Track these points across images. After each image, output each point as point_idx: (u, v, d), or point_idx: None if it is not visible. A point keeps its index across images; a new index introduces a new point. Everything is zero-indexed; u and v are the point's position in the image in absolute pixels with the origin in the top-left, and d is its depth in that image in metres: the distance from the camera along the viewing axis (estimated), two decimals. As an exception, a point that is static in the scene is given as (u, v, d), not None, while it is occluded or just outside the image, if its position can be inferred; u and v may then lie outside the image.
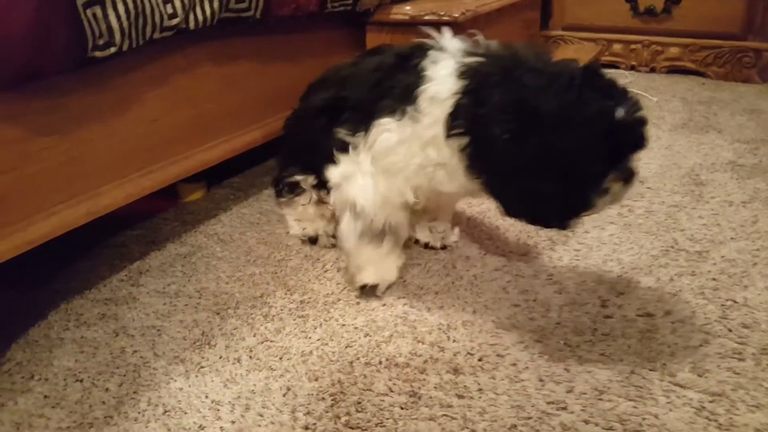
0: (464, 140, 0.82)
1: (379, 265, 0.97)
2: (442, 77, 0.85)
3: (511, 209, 0.83)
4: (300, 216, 1.16)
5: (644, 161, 1.49)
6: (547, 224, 0.85)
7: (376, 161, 0.91)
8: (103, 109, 0.92)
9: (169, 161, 1.05)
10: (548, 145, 0.75)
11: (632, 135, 0.77)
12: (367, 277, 0.97)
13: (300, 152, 1.13)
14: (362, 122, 0.92)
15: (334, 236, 1.12)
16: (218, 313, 0.95)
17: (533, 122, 0.75)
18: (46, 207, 0.85)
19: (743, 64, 2.17)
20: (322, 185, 1.09)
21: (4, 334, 0.91)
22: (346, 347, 0.86)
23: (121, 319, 0.94)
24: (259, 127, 1.25)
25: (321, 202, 1.14)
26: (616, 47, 2.32)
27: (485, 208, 1.27)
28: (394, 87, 0.89)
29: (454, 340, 0.87)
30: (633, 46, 2.29)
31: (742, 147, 1.55)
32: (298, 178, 1.14)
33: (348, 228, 0.96)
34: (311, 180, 1.13)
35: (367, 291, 0.98)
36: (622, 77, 2.23)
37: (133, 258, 1.12)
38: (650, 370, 0.80)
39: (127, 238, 1.19)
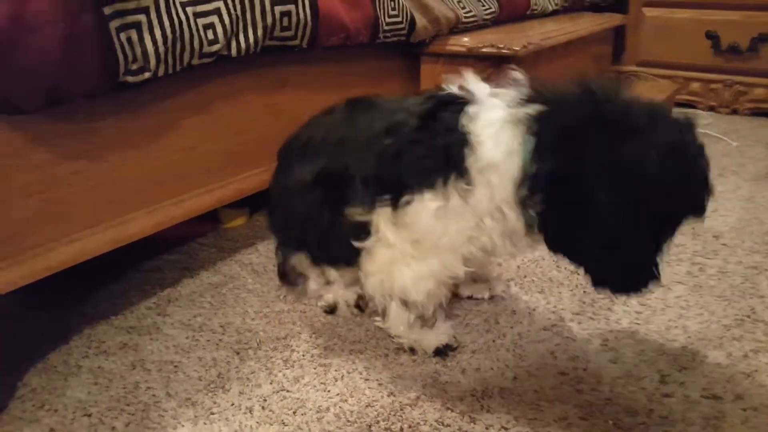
0: (541, 207, 0.74)
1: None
2: (492, 135, 0.74)
3: (606, 279, 0.77)
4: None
5: (720, 213, 1.35)
6: (638, 289, 0.78)
7: (419, 243, 0.80)
8: (138, 134, 0.89)
9: (203, 189, 1.01)
10: (654, 210, 0.72)
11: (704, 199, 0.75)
12: (439, 338, 0.89)
13: (294, 229, 0.95)
14: (380, 197, 0.80)
15: (358, 306, 1.00)
16: (238, 353, 0.90)
17: (639, 188, 0.70)
18: (69, 232, 0.82)
19: (838, 109, 1.98)
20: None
21: (27, 356, 0.89)
22: (367, 406, 0.79)
23: (141, 351, 0.91)
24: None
25: (328, 283, 0.99)
26: (694, 86, 2.17)
27: (538, 255, 1.17)
28: (427, 155, 0.77)
29: (488, 410, 0.78)
30: (713, 86, 2.14)
31: (837, 205, 1.39)
32: (303, 267, 0.98)
33: (399, 319, 0.87)
34: (316, 270, 0.98)
35: (442, 351, 0.88)
36: (701, 119, 2.09)
37: (165, 284, 1.09)
38: (715, 468, 0.69)
39: (162, 262, 1.17)
